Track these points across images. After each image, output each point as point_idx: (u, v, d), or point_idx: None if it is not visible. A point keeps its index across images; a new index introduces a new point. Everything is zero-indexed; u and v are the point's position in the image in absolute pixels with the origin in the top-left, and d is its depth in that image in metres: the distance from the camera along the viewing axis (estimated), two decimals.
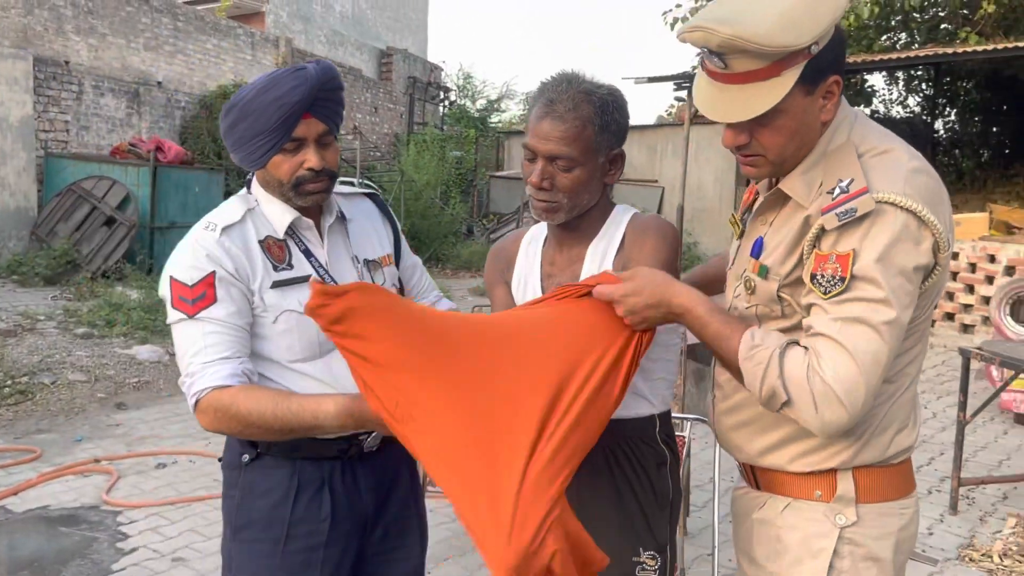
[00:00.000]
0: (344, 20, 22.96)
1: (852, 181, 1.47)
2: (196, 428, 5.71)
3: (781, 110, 1.50)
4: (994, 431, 6.27)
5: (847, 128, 1.59)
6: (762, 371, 1.48)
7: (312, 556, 1.90)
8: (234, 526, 1.93)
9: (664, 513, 1.88)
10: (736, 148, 1.61)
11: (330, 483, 1.92)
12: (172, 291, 1.83)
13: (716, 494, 2.90)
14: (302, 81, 1.79)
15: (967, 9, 13.58)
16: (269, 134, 1.81)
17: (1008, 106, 15.92)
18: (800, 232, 1.56)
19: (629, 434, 1.85)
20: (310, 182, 1.86)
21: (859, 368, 1.42)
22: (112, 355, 7.39)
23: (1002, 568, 3.98)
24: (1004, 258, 9.09)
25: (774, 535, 1.67)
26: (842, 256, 1.45)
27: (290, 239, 1.92)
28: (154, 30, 14.70)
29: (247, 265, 1.85)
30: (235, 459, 1.94)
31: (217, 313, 1.80)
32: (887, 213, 1.44)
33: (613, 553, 1.81)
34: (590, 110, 1.76)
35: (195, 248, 1.85)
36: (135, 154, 11.90)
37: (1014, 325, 6.46)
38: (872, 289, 1.43)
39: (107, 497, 4.46)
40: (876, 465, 1.62)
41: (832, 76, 1.53)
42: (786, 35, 1.43)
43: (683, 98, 12.23)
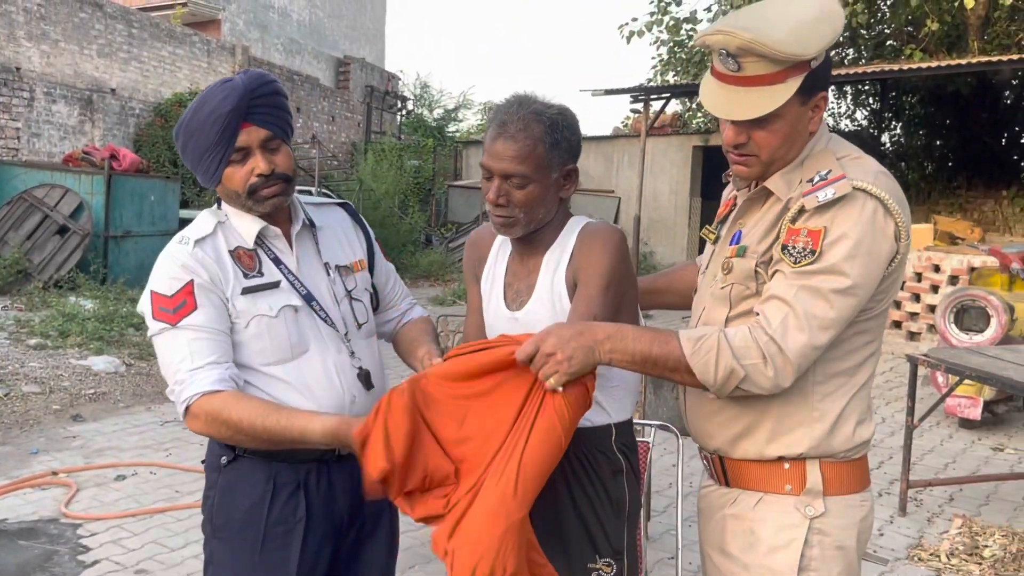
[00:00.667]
0: (301, 29, 22.85)
1: (830, 171, 1.66)
2: (155, 440, 5.66)
3: (780, 114, 1.67)
4: (940, 435, 6.44)
5: (825, 140, 1.77)
6: (714, 357, 1.60)
7: (288, 556, 1.93)
8: (214, 525, 1.99)
9: (620, 521, 1.90)
10: (734, 147, 1.75)
11: (306, 485, 1.96)
12: (152, 303, 1.87)
13: (679, 498, 2.96)
14: (230, 91, 1.85)
15: (912, 27, 13.93)
16: (213, 149, 1.87)
17: (951, 120, 16.30)
18: (778, 217, 1.71)
19: (585, 443, 1.87)
20: (263, 187, 1.90)
21: (801, 326, 1.58)
22: (67, 366, 7.27)
23: (949, 567, 4.10)
24: (948, 268, 9.33)
25: (747, 528, 1.76)
26: (813, 231, 1.62)
27: (260, 248, 1.97)
28: (108, 37, 14.52)
29: (220, 274, 1.90)
30: (215, 460, 1.99)
31: (199, 320, 1.84)
32: (858, 198, 1.61)
33: (569, 560, 1.85)
34: (540, 129, 1.83)
35: (171, 261, 1.89)
36: (89, 162, 11.72)
37: (958, 333, 6.63)
38: (835, 262, 1.59)
39: (66, 510, 4.41)
40: (840, 459, 1.73)
41: (822, 91, 1.71)
42: (796, 45, 1.61)
43: (639, 110, 12.36)
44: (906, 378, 5.02)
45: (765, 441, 1.74)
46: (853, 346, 1.71)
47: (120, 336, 8.38)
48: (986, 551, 4.21)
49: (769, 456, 1.74)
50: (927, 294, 9.45)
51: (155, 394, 6.78)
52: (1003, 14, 13.16)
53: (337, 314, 2.02)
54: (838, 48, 15.15)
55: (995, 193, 15.01)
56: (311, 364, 1.96)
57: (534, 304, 1.93)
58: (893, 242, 1.63)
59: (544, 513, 1.86)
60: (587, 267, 1.86)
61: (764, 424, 1.74)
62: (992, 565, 4.09)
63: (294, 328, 1.94)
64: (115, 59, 14.67)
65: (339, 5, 24.55)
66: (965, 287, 7.09)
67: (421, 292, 13.93)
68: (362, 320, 2.09)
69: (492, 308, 2.02)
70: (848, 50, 15.54)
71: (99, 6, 14.57)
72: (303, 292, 1.98)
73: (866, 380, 1.75)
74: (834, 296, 1.59)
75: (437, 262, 16.18)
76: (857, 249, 1.59)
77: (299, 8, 23.02)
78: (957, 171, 16.07)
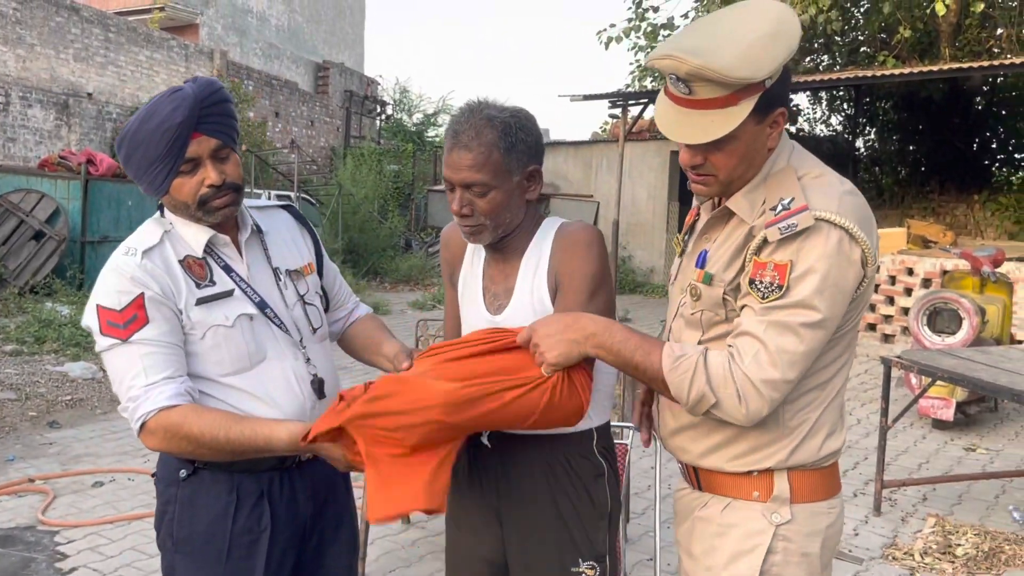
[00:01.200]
0: (280, 33, 22.78)
1: (793, 200, 1.61)
2: (133, 446, 5.61)
3: (734, 136, 1.62)
4: (914, 436, 6.50)
5: (787, 154, 1.73)
6: (689, 378, 1.60)
7: (254, 565, 1.91)
8: (176, 539, 1.92)
9: (603, 524, 1.92)
10: (691, 168, 1.72)
11: (269, 494, 1.93)
12: (100, 318, 1.80)
13: (657, 500, 2.98)
14: (180, 102, 1.80)
15: (885, 34, 14.09)
16: (162, 160, 1.81)
17: (923, 126, 16.49)
18: (743, 243, 1.68)
19: (567, 448, 1.89)
20: (214, 198, 1.86)
21: (774, 362, 1.57)
22: (43, 372, 7.21)
23: (923, 565, 4.15)
24: (921, 271, 9.43)
25: (714, 532, 1.76)
26: (780, 265, 1.59)
27: (209, 256, 1.92)
28: (84, 41, 14.42)
29: (171, 285, 1.84)
30: (171, 474, 1.93)
31: (151, 334, 1.79)
32: (823, 229, 1.58)
33: (552, 563, 1.86)
34: (494, 135, 1.80)
35: (119, 273, 1.83)
36: (65, 167, 11.62)
37: (931, 335, 6.70)
38: (804, 296, 1.57)
39: (43, 517, 4.37)
40: (808, 468, 1.73)
41: (779, 108, 1.67)
42: (746, 69, 1.56)
43: (617, 115, 12.42)
44: (880, 380, 5.07)
45: (731, 457, 1.74)
46: (823, 363, 1.70)
47: None
48: (959, 550, 4.26)
49: (736, 471, 1.74)
50: (901, 297, 9.54)
51: None
52: (974, 21, 13.35)
53: (290, 320, 1.99)
54: (813, 55, 15.30)
55: (967, 197, 15.20)
56: (270, 372, 1.93)
57: (513, 309, 1.92)
58: (860, 268, 1.62)
59: (527, 517, 1.88)
60: (571, 273, 1.86)
61: (735, 443, 1.74)
62: (965, 564, 4.14)
63: (251, 337, 1.90)
64: (92, 63, 14.57)
65: (318, 10, 24.51)
66: (938, 290, 7.16)
67: (401, 296, 13.90)
68: (316, 324, 2.06)
69: (471, 311, 2.01)
70: (823, 56, 15.69)
71: (75, 10, 14.46)
72: (256, 300, 1.94)
73: (837, 392, 1.75)
74: (804, 330, 1.58)
75: (417, 266, 16.16)
76: (824, 283, 1.57)
77: (278, 13, 22.96)
78: (930, 175, 16.26)
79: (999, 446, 6.33)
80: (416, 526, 4.43)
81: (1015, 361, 4.77)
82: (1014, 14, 13.02)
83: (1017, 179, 16.18)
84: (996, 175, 16.36)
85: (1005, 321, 7.22)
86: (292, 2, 23.56)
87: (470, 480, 1.94)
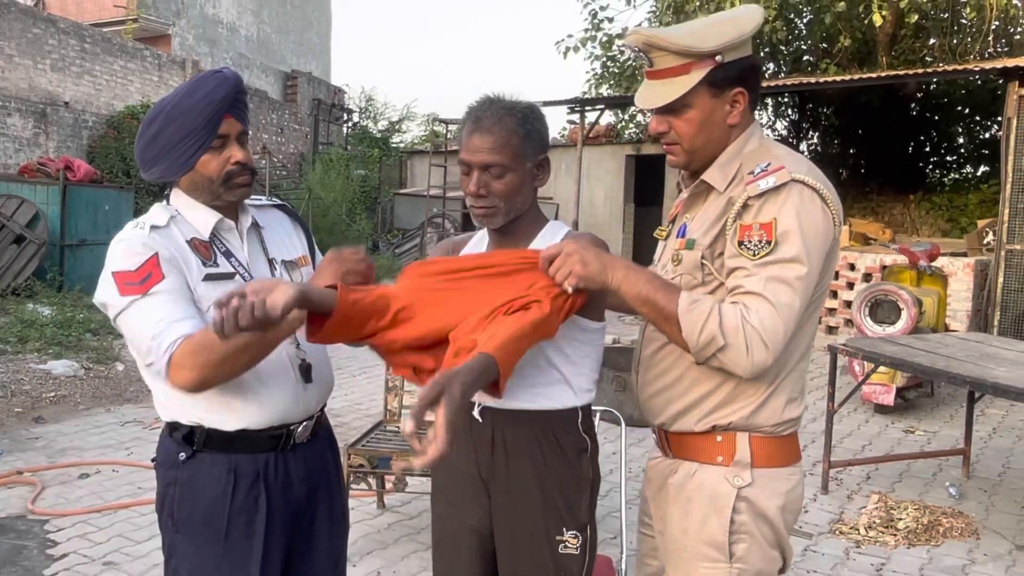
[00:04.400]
0: (249, 44, 22.56)
1: (770, 164, 1.73)
2: (116, 439, 5.57)
3: (689, 104, 1.77)
4: (858, 420, 6.65)
5: (759, 138, 1.85)
6: (703, 320, 1.65)
7: (251, 545, 1.91)
8: (176, 520, 1.93)
9: (584, 495, 1.94)
10: (659, 135, 1.84)
11: (265, 476, 1.94)
12: (116, 282, 1.79)
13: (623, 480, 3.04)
14: (223, 81, 1.86)
15: (826, 43, 14.29)
16: (197, 133, 1.84)
17: (863, 130, 16.71)
18: (723, 211, 1.77)
19: (555, 424, 1.92)
20: (238, 175, 1.91)
21: (779, 316, 1.64)
22: (27, 371, 7.12)
23: (868, 539, 4.25)
24: (863, 266, 9.61)
25: (685, 496, 1.84)
26: (765, 224, 1.68)
27: (212, 241, 1.94)
28: (61, 51, 14.19)
29: (179, 257, 1.86)
30: (171, 458, 1.93)
31: (167, 286, 1.79)
32: (798, 187, 1.70)
33: (537, 531, 1.89)
34: (513, 122, 1.86)
35: (129, 242, 1.83)
36: (44, 173, 11.45)
37: (872, 325, 6.84)
38: (791, 250, 1.66)
39: (33, 506, 4.33)
40: (768, 434, 1.80)
41: (737, 88, 1.79)
42: (689, 39, 1.74)
43: (575, 121, 12.49)
44: (827, 368, 5.17)
45: (699, 417, 1.82)
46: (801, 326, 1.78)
47: (78, 341, 8.22)
48: (900, 523, 4.38)
49: (701, 429, 1.81)
50: (844, 291, 9.72)
51: (114, 396, 6.68)
52: (909, 31, 13.60)
53: None
54: (760, 62, 15.47)
55: (903, 197, 15.46)
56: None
57: None
58: (831, 226, 1.72)
59: (515, 488, 1.90)
60: None
61: (705, 401, 1.81)
62: (906, 536, 4.26)
63: None
64: (68, 73, 14.34)
65: (286, 21, 24.28)
66: (878, 283, 7.32)
67: None
68: None
69: None
70: (769, 64, 15.87)
71: (52, 22, 14.23)
72: None
73: (799, 359, 1.82)
74: (797, 283, 1.66)
75: (384, 267, 16.07)
76: (806, 237, 1.67)
77: (247, 24, 22.71)
78: (869, 177, 16.48)
79: (935, 428, 6.49)
80: (391, 510, 4.46)
81: (950, 347, 4.91)
82: (946, 25, 13.30)
83: (949, 180, 16.50)
84: (930, 177, 16.66)
85: (940, 311, 7.40)
86: (261, 13, 23.32)
87: (459, 454, 1.97)
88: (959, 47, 13.00)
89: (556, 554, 1.89)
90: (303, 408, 2.00)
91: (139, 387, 6.96)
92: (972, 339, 5.41)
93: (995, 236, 9.30)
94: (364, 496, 4.53)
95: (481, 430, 1.94)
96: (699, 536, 1.80)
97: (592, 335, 1.96)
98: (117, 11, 19.44)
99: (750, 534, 1.78)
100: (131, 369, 7.52)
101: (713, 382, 1.79)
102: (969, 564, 4.00)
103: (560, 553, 1.89)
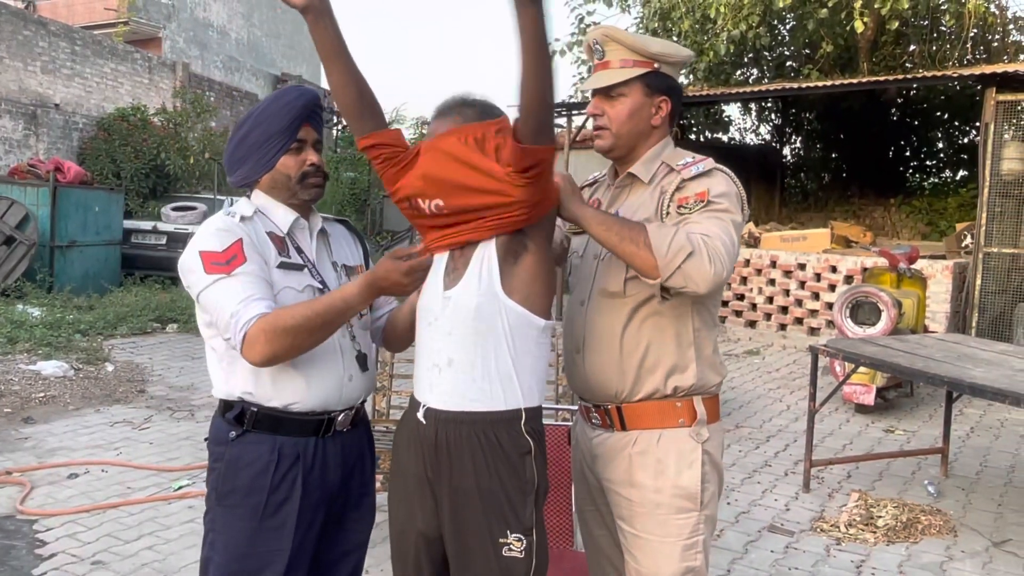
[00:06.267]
0: (240, 47, 22.50)
1: (695, 157, 2.06)
2: (105, 439, 5.54)
3: (625, 93, 2.06)
4: (839, 419, 6.67)
5: (673, 147, 2.15)
6: (671, 235, 1.87)
7: (286, 521, 2.01)
8: (219, 492, 2.04)
9: (529, 499, 1.88)
10: (594, 118, 2.11)
11: (304, 458, 2.03)
12: (203, 260, 1.94)
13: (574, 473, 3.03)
14: (304, 92, 2.08)
15: (809, 49, 14.36)
16: (280, 135, 2.03)
17: (844, 135, 16.80)
18: (655, 199, 2.04)
19: (496, 425, 1.87)
20: (313, 176, 2.09)
21: (728, 242, 1.91)
22: (16, 371, 7.06)
23: (848, 536, 4.28)
24: (844, 268, 9.67)
25: (655, 459, 2.04)
26: (700, 193, 1.98)
27: (287, 237, 2.10)
28: (51, 54, 14.11)
29: (260, 246, 2.02)
30: (223, 436, 2.05)
31: (250, 268, 1.94)
32: (722, 172, 2.03)
33: (481, 534, 1.85)
34: (472, 111, 1.94)
35: (218, 226, 2.00)
36: (34, 174, 11.37)
37: (853, 326, 6.87)
38: (724, 203, 1.96)
39: (22, 507, 4.30)
40: (710, 394, 2.10)
41: (663, 96, 2.08)
42: (638, 41, 2.05)
43: (562, 124, 12.50)
44: (808, 369, 5.19)
45: (662, 378, 2.03)
46: (716, 299, 2.12)
47: (68, 342, 8.17)
48: (879, 521, 4.40)
49: (667, 391, 2.03)
50: (825, 292, 9.77)
51: (103, 396, 6.63)
52: (889, 38, 13.69)
53: None
54: (743, 68, 15.55)
55: (884, 201, 15.55)
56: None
57: (465, 280, 1.90)
58: (741, 215, 1.99)
59: (457, 490, 1.87)
60: None
61: (660, 365, 2.03)
62: (885, 533, 4.28)
63: None
64: (59, 75, 14.26)
65: (276, 24, 24.22)
66: (859, 285, 7.36)
67: None
68: (363, 312, 2.19)
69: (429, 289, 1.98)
70: (752, 69, 15.93)
71: (43, 24, 14.15)
72: (319, 279, 2.10)
73: (714, 326, 2.13)
74: (731, 227, 1.93)
75: None
76: (732, 201, 1.97)
77: (237, 27, 22.65)
78: (851, 181, 16.57)
79: (915, 427, 6.53)
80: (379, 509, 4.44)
81: (929, 348, 4.94)
82: (926, 32, 13.39)
83: (929, 184, 16.60)
84: (910, 180, 16.75)
85: (919, 313, 7.44)
86: (251, 17, 23.26)
87: (407, 455, 1.96)
88: (938, 54, 13.09)
89: (500, 557, 1.84)
90: (347, 397, 2.11)
91: (128, 388, 6.92)
92: (950, 340, 5.45)
93: (973, 239, 9.37)
94: None
95: (425, 432, 1.91)
96: (674, 491, 2.02)
97: (536, 333, 1.92)
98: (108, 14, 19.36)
99: (712, 482, 2.07)
100: (120, 370, 7.49)
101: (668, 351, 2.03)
102: (947, 561, 4.03)
103: (504, 556, 1.84)
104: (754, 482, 5.09)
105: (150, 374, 7.51)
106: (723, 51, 12.76)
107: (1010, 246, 8.95)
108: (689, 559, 2.03)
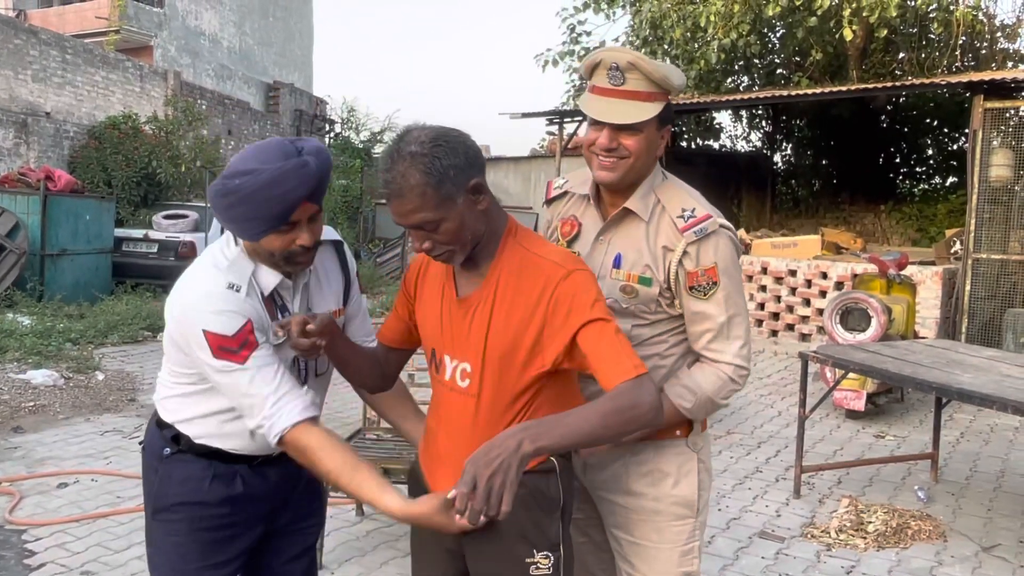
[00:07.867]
0: (231, 55, 22.52)
1: (695, 209, 1.99)
2: (95, 448, 5.51)
3: (642, 129, 1.95)
4: (829, 425, 6.69)
5: (662, 173, 2.09)
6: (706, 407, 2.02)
7: (223, 535, 1.98)
8: (154, 507, 2.00)
9: (554, 516, 1.87)
10: (606, 151, 1.97)
11: (241, 475, 1.99)
12: (210, 344, 1.80)
13: None
14: (306, 178, 1.77)
15: (799, 57, 14.43)
16: (268, 221, 1.79)
17: (835, 142, 16.87)
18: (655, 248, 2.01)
19: None
20: (299, 255, 1.87)
21: (742, 339, 2.01)
22: (6, 380, 7.03)
23: (838, 541, 4.29)
24: (834, 274, 9.70)
25: (652, 468, 2.08)
26: (709, 269, 1.97)
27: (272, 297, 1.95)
28: (42, 62, 14.09)
29: (261, 322, 1.87)
30: (157, 450, 2.00)
31: (263, 353, 1.82)
32: (724, 233, 2.00)
33: (506, 554, 1.83)
34: (420, 176, 1.69)
35: (223, 303, 1.83)
36: (25, 183, 11.32)
37: (843, 332, 6.89)
38: (731, 284, 1.99)
39: (11, 516, 4.28)
40: None
41: (668, 126, 2.04)
42: (664, 72, 1.93)
43: (554, 132, 12.53)
44: (798, 375, 5.21)
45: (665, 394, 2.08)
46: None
47: (58, 351, 8.13)
48: (870, 526, 4.41)
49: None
50: (816, 299, 9.80)
51: (93, 406, 6.60)
52: (879, 46, 13.77)
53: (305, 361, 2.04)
54: (734, 76, 15.61)
55: (874, 207, 15.62)
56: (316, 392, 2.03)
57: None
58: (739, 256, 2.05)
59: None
60: None
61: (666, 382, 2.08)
62: (876, 539, 4.29)
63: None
64: (50, 84, 14.23)
65: (268, 33, 24.27)
66: (849, 291, 7.38)
67: None
68: (321, 369, 2.10)
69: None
70: (743, 77, 16.00)
71: (34, 32, 14.13)
72: None
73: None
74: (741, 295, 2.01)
75: (366, 276, 16.04)
76: (736, 266, 2.01)
77: (229, 35, 22.69)
78: (841, 188, 16.64)
79: (905, 433, 6.55)
80: (370, 517, 4.43)
81: (918, 354, 4.95)
82: (915, 40, 13.47)
83: (918, 191, 16.70)
84: (900, 187, 16.83)
85: (909, 319, 7.47)
86: (243, 25, 23.30)
87: None
88: (927, 61, 13.17)
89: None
90: None
91: (119, 397, 6.89)
92: (939, 346, 5.47)
93: (962, 245, 9.41)
94: (343, 503, 4.51)
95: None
96: (673, 500, 2.07)
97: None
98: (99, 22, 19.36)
99: (706, 489, 2.13)
100: (111, 379, 7.46)
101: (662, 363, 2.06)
102: (937, 566, 4.04)
103: (532, 575, 1.84)
104: (745, 488, 5.10)
105: (141, 383, 7.48)
106: (714, 59, 12.82)
107: (999, 252, 8.99)
108: (686, 564, 2.09)
